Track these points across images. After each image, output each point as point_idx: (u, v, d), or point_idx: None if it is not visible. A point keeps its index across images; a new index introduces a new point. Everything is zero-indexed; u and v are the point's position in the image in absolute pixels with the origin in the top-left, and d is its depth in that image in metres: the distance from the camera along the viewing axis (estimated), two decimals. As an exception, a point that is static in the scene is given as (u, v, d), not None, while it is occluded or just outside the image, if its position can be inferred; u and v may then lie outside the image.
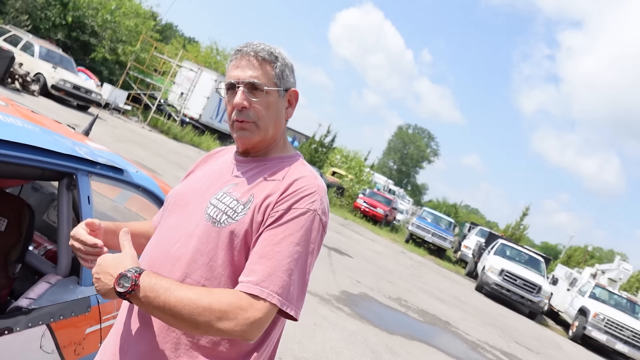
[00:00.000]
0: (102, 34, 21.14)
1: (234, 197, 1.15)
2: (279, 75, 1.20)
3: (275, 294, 1.04)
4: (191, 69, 20.46)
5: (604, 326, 12.56)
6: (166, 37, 36.91)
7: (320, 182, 1.17)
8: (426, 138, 77.22)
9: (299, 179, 1.14)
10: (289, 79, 1.22)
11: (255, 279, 1.05)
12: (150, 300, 1.03)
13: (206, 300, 1.02)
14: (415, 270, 13.20)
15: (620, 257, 18.35)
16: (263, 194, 1.13)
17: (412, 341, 6.07)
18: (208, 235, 1.12)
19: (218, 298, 1.03)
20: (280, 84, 1.20)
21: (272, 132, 1.22)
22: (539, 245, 55.94)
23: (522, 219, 25.68)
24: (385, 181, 36.29)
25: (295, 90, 1.25)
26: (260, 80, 1.17)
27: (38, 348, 1.53)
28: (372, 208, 21.36)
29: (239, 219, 1.11)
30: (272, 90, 1.18)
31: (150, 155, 11.33)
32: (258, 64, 1.18)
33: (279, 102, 1.21)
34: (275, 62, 1.19)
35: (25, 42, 14.33)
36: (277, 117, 1.21)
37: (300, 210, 1.10)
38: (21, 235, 1.83)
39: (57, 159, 1.63)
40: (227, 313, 1.01)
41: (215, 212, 1.14)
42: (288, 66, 1.23)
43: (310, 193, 1.12)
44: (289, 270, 1.06)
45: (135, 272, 1.04)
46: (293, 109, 1.26)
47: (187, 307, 1.01)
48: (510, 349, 8.14)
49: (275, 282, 1.05)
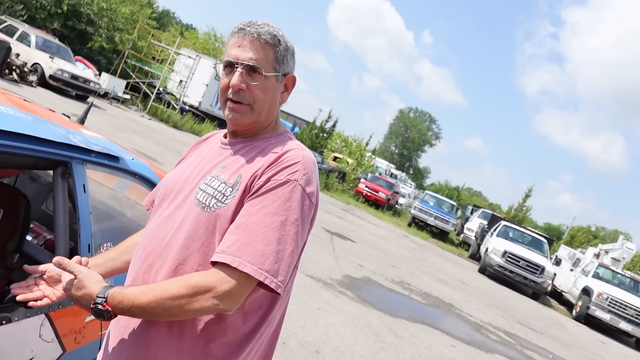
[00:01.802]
0: (98, 22, 20.95)
1: (222, 180, 1.13)
2: (280, 59, 1.17)
3: (248, 262, 1.01)
4: (189, 56, 20.32)
5: (608, 305, 12.62)
6: (163, 25, 36.59)
7: (306, 154, 1.14)
8: (428, 121, 76.94)
9: (285, 152, 1.12)
10: (288, 63, 1.20)
11: (228, 249, 1.03)
12: (127, 313, 1.06)
13: (173, 290, 1.02)
14: (418, 254, 13.25)
15: (624, 237, 18.35)
16: (250, 173, 1.11)
17: (416, 324, 6.10)
18: (199, 220, 1.11)
19: (184, 283, 1.03)
20: (279, 69, 1.18)
21: (266, 115, 1.20)
22: (542, 227, 56.01)
23: (524, 200, 25.68)
24: (387, 165, 36.26)
25: (293, 75, 1.23)
26: (260, 64, 1.14)
27: (37, 337, 1.53)
28: (374, 192, 21.35)
29: (228, 202, 1.10)
30: (270, 75, 1.16)
31: (150, 144, 11.30)
32: (260, 47, 1.14)
33: (276, 87, 1.19)
34: (277, 46, 1.17)
35: (22, 32, 14.21)
36: (273, 101, 1.19)
37: (279, 181, 1.07)
38: (17, 225, 1.81)
39: (50, 147, 1.61)
40: (195, 294, 1.02)
41: (205, 197, 1.12)
42: (289, 50, 1.20)
43: (292, 164, 1.09)
44: (265, 240, 1.03)
45: (101, 302, 1.05)
46: (289, 93, 1.24)
47: (158, 305, 1.02)
48: (513, 330, 8.19)
49: (249, 251, 1.02)
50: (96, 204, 2.04)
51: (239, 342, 1.11)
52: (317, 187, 1.15)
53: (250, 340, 1.12)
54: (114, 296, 1.04)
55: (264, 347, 1.20)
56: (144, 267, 1.16)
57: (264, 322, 1.14)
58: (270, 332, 1.20)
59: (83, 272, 1.10)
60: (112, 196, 2.50)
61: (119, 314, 1.06)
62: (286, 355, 3.69)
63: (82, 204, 1.73)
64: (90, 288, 1.07)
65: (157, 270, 1.13)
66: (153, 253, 1.15)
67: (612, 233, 50.67)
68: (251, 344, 1.12)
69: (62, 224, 1.71)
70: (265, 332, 1.17)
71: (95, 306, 1.05)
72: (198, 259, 1.10)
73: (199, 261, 1.10)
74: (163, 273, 1.12)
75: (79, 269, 1.10)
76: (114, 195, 2.52)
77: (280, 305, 1.18)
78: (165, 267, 1.12)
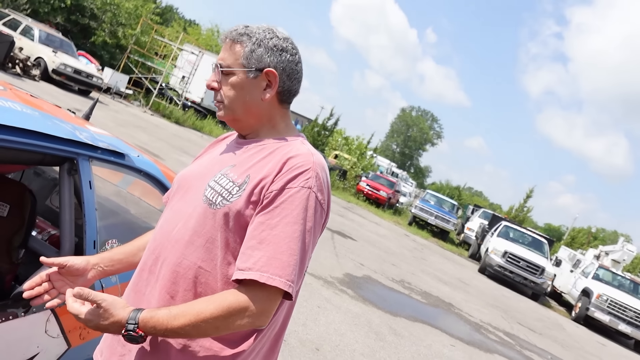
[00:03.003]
0: (101, 17, 20.95)
1: (230, 179, 1.14)
2: (248, 55, 1.17)
3: (276, 276, 1.03)
4: (192, 52, 20.29)
5: (607, 307, 12.62)
6: (166, 20, 36.53)
7: (316, 159, 1.13)
8: (429, 120, 76.84)
9: (293, 157, 1.11)
10: (263, 58, 1.17)
11: (254, 265, 1.04)
12: (161, 336, 1.07)
13: (207, 313, 1.03)
14: (418, 253, 13.26)
15: (624, 239, 18.34)
16: (259, 175, 1.11)
17: (416, 323, 6.12)
18: (205, 217, 1.12)
19: (218, 304, 1.03)
20: (248, 64, 1.17)
21: (242, 112, 1.20)
22: (543, 227, 55.99)
23: (525, 201, 25.65)
24: (388, 164, 36.22)
25: (270, 70, 1.17)
26: (225, 61, 1.18)
27: (43, 332, 1.54)
28: (375, 191, 21.35)
29: (233, 200, 1.10)
30: (237, 70, 1.17)
31: (152, 140, 11.31)
32: (228, 46, 1.19)
33: (247, 83, 1.18)
34: (245, 42, 1.17)
35: (25, 26, 14.20)
36: (247, 97, 1.18)
37: (294, 189, 1.07)
38: (23, 220, 1.82)
39: (57, 143, 1.62)
40: (230, 315, 1.03)
41: (212, 194, 1.13)
42: (263, 45, 1.17)
43: (304, 170, 1.09)
44: (290, 250, 1.05)
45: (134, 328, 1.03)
46: (274, 89, 1.19)
47: (194, 328, 1.03)
48: (513, 330, 8.20)
49: (275, 264, 1.03)
50: (101, 200, 2.05)
51: (240, 340, 1.11)
52: (329, 191, 1.15)
53: (251, 340, 1.12)
54: (145, 322, 1.04)
55: (267, 348, 1.20)
56: (152, 258, 1.19)
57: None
58: (274, 333, 1.20)
59: (107, 300, 1.06)
60: (116, 193, 2.51)
61: (158, 335, 1.06)
62: (286, 352, 3.71)
63: (88, 200, 1.74)
64: (119, 315, 1.05)
65: (162, 263, 1.15)
66: (160, 246, 1.17)
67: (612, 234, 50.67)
68: (252, 345, 1.13)
69: (67, 220, 1.72)
70: (268, 333, 1.17)
71: (128, 333, 1.03)
72: (201, 255, 1.11)
73: (202, 257, 1.11)
74: (167, 266, 1.14)
75: (102, 297, 1.06)
76: (118, 192, 2.52)
77: (283, 308, 1.18)
78: (169, 260, 1.14)
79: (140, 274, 1.22)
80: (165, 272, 1.14)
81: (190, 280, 1.11)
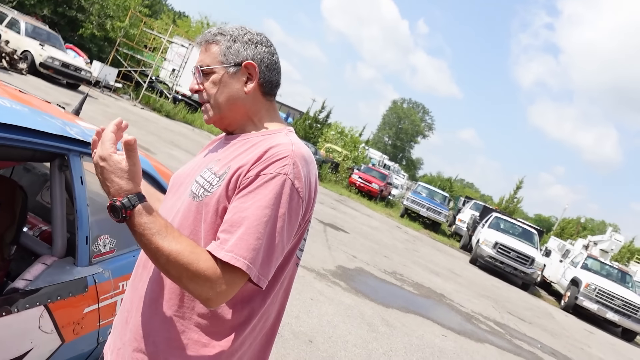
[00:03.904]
0: (89, 9, 20.66)
1: (213, 172, 1.16)
2: (224, 51, 1.20)
3: (240, 257, 1.02)
4: (182, 45, 20.12)
5: (595, 296, 12.83)
6: (155, 12, 36.11)
7: (295, 148, 1.12)
8: (421, 112, 77.00)
9: (273, 146, 1.12)
10: (239, 52, 1.19)
11: (222, 244, 1.04)
12: (137, 234, 1.04)
13: (185, 258, 1.02)
14: (410, 245, 13.35)
15: (612, 228, 18.61)
16: (237, 165, 1.12)
17: (408, 314, 6.18)
18: (189, 209, 1.14)
19: (194, 260, 1.02)
20: (226, 60, 1.19)
21: (228, 107, 1.21)
22: (533, 218, 56.56)
23: (515, 192, 25.89)
24: (380, 156, 36.32)
25: (249, 62, 1.19)
26: (204, 62, 1.21)
27: (37, 328, 1.54)
28: (367, 183, 21.42)
29: (213, 190, 1.12)
30: (217, 67, 1.19)
31: (143, 134, 11.23)
32: (204, 48, 1.22)
33: (229, 78, 1.20)
34: (219, 41, 1.20)
35: (11, 19, 13.98)
36: (230, 92, 1.20)
37: (269, 176, 1.07)
38: (15, 217, 1.82)
39: (47, 139, 1.61)
40: (199, 278, 1.01)
41: (196, 187, 1.15)
42: (240, 40, 1.20)
43: (281, 158, 1.09)
44: (256, 234, 1.04)
45: (128, 208, 1.03)
46: (255, 82, 1.20)
47: (164, 256, 1.02)
48: (503, 320, 8.31)
49: (242, 245, 1.02)
50: (93, 195, 2.05)
51: (228, 333, 1.13)
52: (311, 181, 1.14)
53: (240, 333, 1.13)
54: (140, 213, 1.04)
55: (260, 342, 1.21)
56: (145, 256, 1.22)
57: (254, 316, 1.15)
58: (266, 327, 1.21)
59: (135, 165, 1.07)
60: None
61: (129, 227, 1.06)
62: (280, 344, 3.73)
63: (80, 196, 1.74)
64: (128, 186, 1.05)
65: None
66: None
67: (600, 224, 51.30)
68: (242, 337, 1.14)
69: (59, 216, 1.72)
70: (259, 326, 1.18)
71: (119, 202, 1.03)
72: None
73: None
74: None
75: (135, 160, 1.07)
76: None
77: (274, 300, 1.19)
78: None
79: (136, 271, 1.25)
80: (154, 266, 1.16)
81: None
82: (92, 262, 1.79)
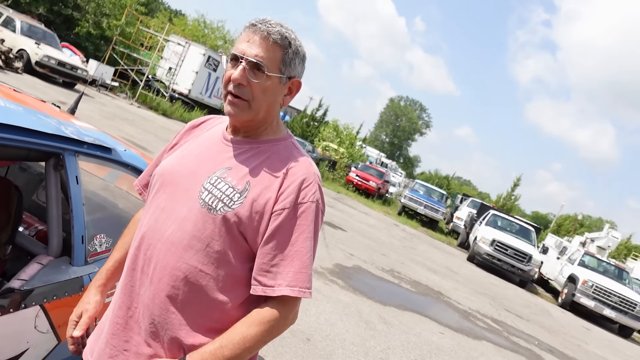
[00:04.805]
0: (85, 8, 20.57)
1: (230, 184, 1.13)
2: (287, 62, 1.16)
3: (305, 289, 1.12)
4: (179, 43, 20.06)
5: (592, 293, 12.88)
6: (152, 10, 35.97)
7: (314, 169, 1.20)
8: (418, 110, 77.04)
9: (293, 167, 1.17)
10: (296, 67, 1.19)
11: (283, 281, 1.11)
12: None
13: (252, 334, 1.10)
14: (407, 242, 13.37)
15: (609, 225, 18.72)
16: (260, 185, 1.14)
17: (405, 311, 6.19)
18: (204, 222, 1.12)
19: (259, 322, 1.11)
20: (284, 71, 1.16)
21: (263, 115, 1.19)
22: (530, 215, 56.71)
23: (513, 189, 25.95)
24: (378, 154, 36.35)
25: (298, 80, 1.22)
26: (264, 62, 1.13)
27: (33, 328, 1.54)
28: (364, 181, 21.43)
29: (235, 207, 1.11)
30: (274, 75, 1.14)
31: (139, 132, 11.20)
32: (268, 45, 1.13)
33: (278, 88, 1.17)
34: (286, 48, 1.15)
35: (6, 18, 13.91)
36: (273, 102, 1.18)
37: (305, 205, 1.14)
38: (10, 216, 1.81)
39: (42, 139, 1.60)
40: (272, 328, 1.11)
41: (211, 199, 1.12)
42: (299, 55, 1.19)
43: (310, 184, 1.15)
44: (310, 264, 1.14)
45: None
46: (291, 97, 1.23)
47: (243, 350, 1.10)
48: (501, 317, 8.34)
49: (302, 278, 1.12)
50: (88, 194, 2.04)
51: None
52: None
53: None
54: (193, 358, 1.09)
55: None
56: (143, 259, 1.16)
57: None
58: None
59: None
60: (103, 187, 2.49)
61: None
62: (277, 343, 3.74)
63: (75, 195, 1.74)
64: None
65: (156, 265, 1.13)
66: (152, 247, 1.15)
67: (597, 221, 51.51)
68: None
69: (55, 215, 1.72)
70: None
71: None
72: (201, 258, 1.12)
73: (202, 261, 1.12)
74: (163, 269, 1.12)
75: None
76: (105, 186, 2.51)
77: None
78: (166, 263, 1.12)
79: (131, 274, 1.19)
80: (161, 275, 1.12)
81: (192, 283, 1.11)
82: (88, 261, 1.78)
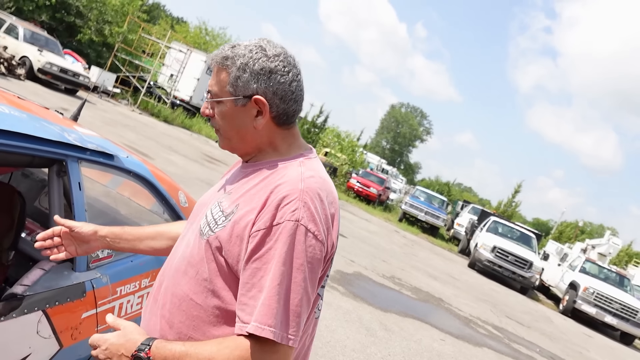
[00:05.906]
0: (87, 15, 20.70)
1: (222, 208, 1.09)
2: (233, 82, 1.07)
3: (267, 325, 0.96)
4: (180, 50, 20.16)
5: (594, 299, 12.83)
6: (153, 18, 36.22)
7: (305, 185, 1.03)
8: (419, 117, 77.15)
9: (279, 185, 1.03)
10: (249, 84, 1.07)
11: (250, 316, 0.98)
12: None
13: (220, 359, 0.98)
14: (408, 249, 13.35)
15: (611, 232, 18.68)
16: (247, 207, 1.05)
17: (406, 318, 6.18)
18: (197, 247, 1.10)
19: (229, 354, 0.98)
20: (235, 92, 1.07)
21: (238, 140, 1.13)
22: (531, 222, 56.60)
23: (514, 196, 25.98)
24: (379, 161, 36.35)
25: (258, 97, 1.07)
26: (212, 89, 1.11)
27: (35, 333, 1.55)
28: (365, 188, 21.44)
29: (217, 230, 1.06)
30: (225, 99, 1.09)
31: (141, 139, 11.23)
32: (216, 71, 1.11)
33: (237, 111, 1.09)
34: (229, 68, 1.07)
35: (9, 25, 14.01)
36: (239, 126, 1.10)
37: (281, 225, 0.98)
38: (13, 222, 1.83)
39: (45, 145, 1.62)
40: None
41: (203, 223, 1.11)
42: (249, 70, 1.06)
43: (290, 202, 1.00)
44: (276, 296, 0.97)
45: (146, 349, 1.03)
46: (265, 119, 1.09)
47: None
48: (502, 324, 8.31)
49: (264, 312, 0.96)
50: (91, 201, 2.06)
51: None
52: (328, 216, 1.06)
53: None
54: (158, 347, 1.02)
55: None
56: (157, 285, 1.20)
57: None
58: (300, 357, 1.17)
59: (128, 327, 1.08)
60: (106, 193, 2.51)
61: None
62: (278, 349, 3.73)
63: (78, 201, 1.75)
64: (135, 338, 1.06)
65: (164, 290, 1.15)
66: (164, 272, 1.19)
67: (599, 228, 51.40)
68: None
69: (57, 221, 1.73)
70: None
71: (137, 352, 1.03)
72: (192, 286, 1.08)
73: (193, 289, 1.08)
74: (167, 295, 1.13)
75: (124, 324, 1.09)
76: (107, 193, 2.53)
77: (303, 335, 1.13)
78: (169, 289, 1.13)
79: (149, 300, 1.22)
80: (165, 300, 1.13)
81: (183, 312, 1.08)
82: (90, 267, 1.79)
